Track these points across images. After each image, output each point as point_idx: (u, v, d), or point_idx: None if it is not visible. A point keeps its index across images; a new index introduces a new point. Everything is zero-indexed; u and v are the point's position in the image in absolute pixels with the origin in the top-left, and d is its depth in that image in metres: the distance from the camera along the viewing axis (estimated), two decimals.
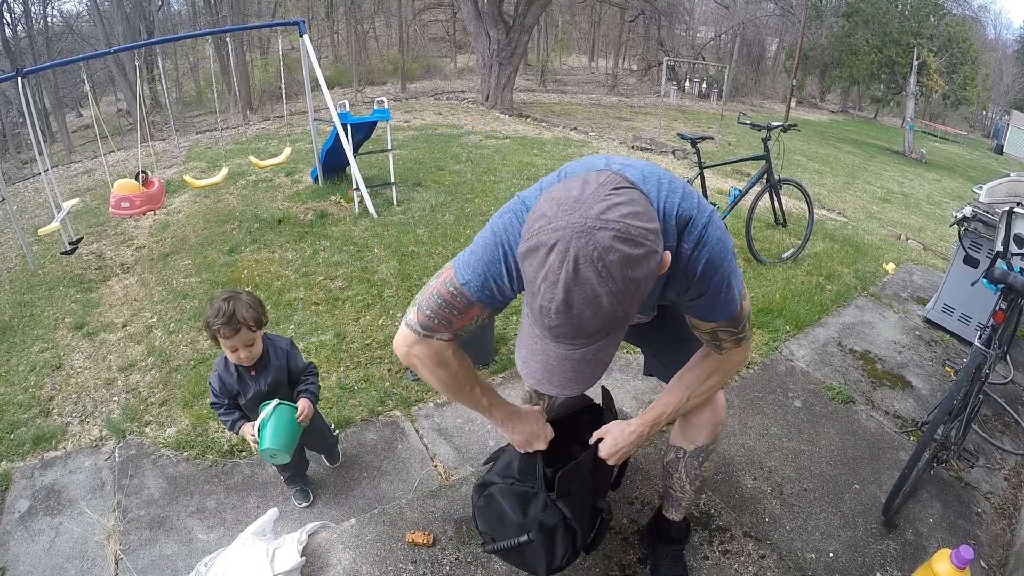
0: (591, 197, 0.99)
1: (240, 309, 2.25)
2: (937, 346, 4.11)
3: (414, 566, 2.10)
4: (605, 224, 0.96)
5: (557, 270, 0.97)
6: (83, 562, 2.75)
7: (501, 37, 16.08)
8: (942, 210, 11.06)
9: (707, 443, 1.87)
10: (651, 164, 1.34)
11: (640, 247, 0.97)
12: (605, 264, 0.95)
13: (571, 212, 0.97)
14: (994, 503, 2.75)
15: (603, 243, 0.95)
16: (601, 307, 0.98)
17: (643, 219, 0.99)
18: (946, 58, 28.07)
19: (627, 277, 0.97)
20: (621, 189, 1.01)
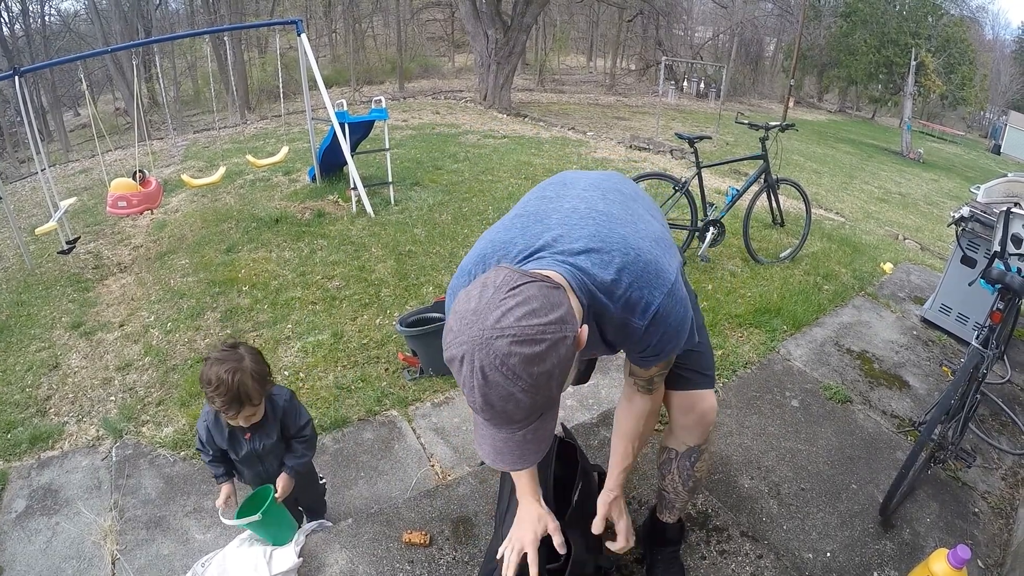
0: (486, 306, 1.04)
1: (246, 383, 1.96)
2: (934, 346, 4.11)
3: (411, 566, 2.10)
4: (501, 332, 1.01)
5: (470, 379, 1.04)
6: (80, 562, 2.75)
7: (499, 36, 16.08)
8: (940, 210, 11.08)
9: (698, 444, 1.87)
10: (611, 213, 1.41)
11: (540, 343, 1.03)
12: (509, 367, 1.01)
13: (471, 326, 1.04)
14: (991, 503, 2.75)
15: (502, 350, 1.01)
16: (520, 401, 1.05)
17: (540, 315, 1.04)
18: (944, 58, 28.14)
19: (534, 373, 1.03)
20: (517, 288, 1.06)
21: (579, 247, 1.31)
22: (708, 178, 6.00)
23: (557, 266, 1.27)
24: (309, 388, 3.79)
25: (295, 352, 4.18)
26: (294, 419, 2.26)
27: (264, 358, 2.11)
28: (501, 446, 1.16)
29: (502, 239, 1.40)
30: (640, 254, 1.33)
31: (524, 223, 1.41)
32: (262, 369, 2.04)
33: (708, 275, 4.97)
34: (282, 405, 2.23)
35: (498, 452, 1.17)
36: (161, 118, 17.79)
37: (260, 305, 4.81)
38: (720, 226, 5.18)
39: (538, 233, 1.37)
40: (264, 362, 2.08)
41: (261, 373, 2.03)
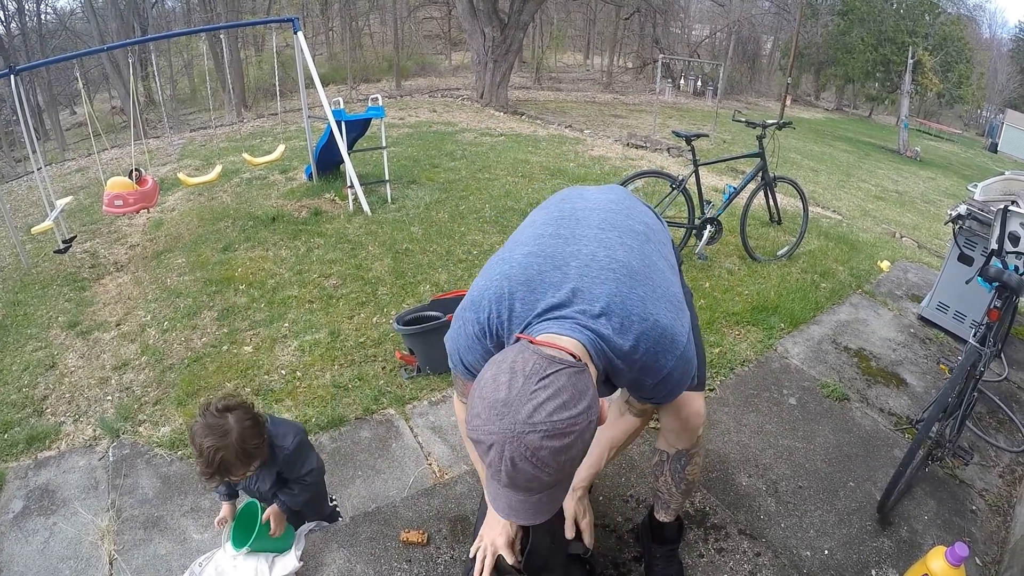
0: (517, 398, 1.07)
1: (228, 460, 1.83)
2: (932, 344, 4.12)
3: (408, 565, 2.10)
4: (533, 428, 1.04)
5: (498, 464, 1.08)
6: (77, 562, 2.75)
7: (496, 34, 16.06)
8: (937, 208, 11.09)
9: (687, 448, 1.88)
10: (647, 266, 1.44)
11: (569, 435, 1.07)
12: (539, 459, 1.06)
13: (501, 417, 1.06)
14: (989, 500, 2.75)
15: (533, 444, 1.05)
16: (544, 482, 1.10)
17: (570, 407, 1.07)
18: (941, 56, 28.15)
19: (561, 460, 1.08)
20: (547, 378, 1.09)
21: (598, 309, 1.32)
22: (705, 176, 5.99)
23: (578, 333, 1.28)
24: (306, 387, 3.79)
25: (292, 351, 4.18)
26: (296, 468, 2.12)
27: (258, 426, 1.95)
28: (517, 506, 1.18)
29: (521, 279, 1.39)
30: (658, 321, 1.35)
31: (542, 266, 1.40)
32: (251, 444, 1.88)
33: (705, 273, 4.97)
34: (282, 458, 2.07)
35: (512, 509, 1.19)
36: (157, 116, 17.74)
37: (257, 304, 4.81)
38: (717, 224, 5.18)
39: (557, 283, 1.36)
40: (256, 432, 1.92)
41: (247, 449, 1.87)
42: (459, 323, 1.48)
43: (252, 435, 1.89)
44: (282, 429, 2.08)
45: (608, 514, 2.35)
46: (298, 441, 2.10)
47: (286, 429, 2.10)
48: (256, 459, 1.92)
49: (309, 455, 2.16)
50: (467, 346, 1.46)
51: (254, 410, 1.99)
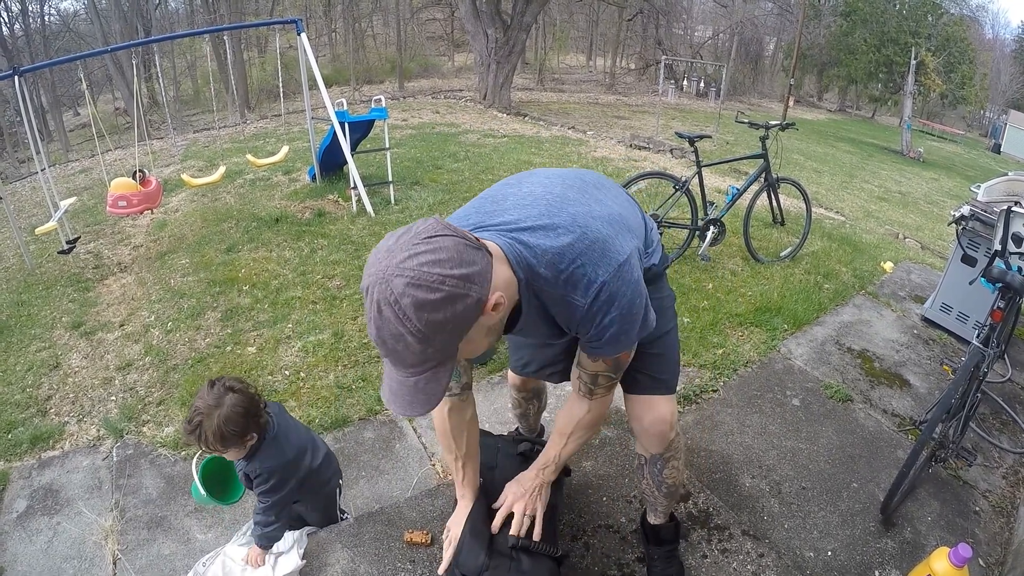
0: (400, 246, 1.10)
1: (206, 429, 1.88)
2: (935, 345, 4.11)
3: (412, 565, 2.10)
4: (401, 272, 1.07)
5: (368, 310, 1.11)
6: (81, 562, 2.75)
7: (499, 36, 16.08)
8: (940, 209, 11.08)
9: (659, 452, 1.86)
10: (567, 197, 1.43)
11: (436, 292, 1.07)
12: (402, 307, 1.06)
13: (381, 261, 1.10)
14: (992, 501, 2.75)
15: (397, 289, 1.06)
16: (408, 344, 1.11)
17: (445, 266, 1.08)
18: (944, 57, 28.15)
19: (424, 319, 1.08)
20: (434, 238, 1.12)
21: (526, 225, 1.34)
22: (708, 177, 6.00)
23: (498, 238, 1.31)
24: (310, 387, 3.79)
25: (296, 351, 4.18)
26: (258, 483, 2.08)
27: (246, 419, 1.94)
28: (396, 388, 1.21)
29: (460, 214, 1.47)
30: (587, 232, 1.34)
31: (481, 204, 1.47)
32: (230, 429, 1.89)
33: (709, 274, 4.97)
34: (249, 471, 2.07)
35: (393, 393, 1.22)
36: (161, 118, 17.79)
37: (260, 304, 4.81)
38: (720, 225, 5.18)
39: (491, 212, 1.41)
40: (239, 424, 1.92)
41: (223, 433, 1.89)
42: None
43: (235, 422, 1.90)
44: (274, 454, 2.06)
45: (611, 515, 2.35)
46: (270, 472, 2.05)
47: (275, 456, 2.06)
48: (230, 444, 1.93)
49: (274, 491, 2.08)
50: None
51: (259, 407, 2.00)
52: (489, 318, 1.19)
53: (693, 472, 2.69)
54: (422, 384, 1.19)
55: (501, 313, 1.23)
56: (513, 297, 1.30)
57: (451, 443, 1.85)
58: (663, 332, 1.74)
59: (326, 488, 2.33)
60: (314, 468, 2.21)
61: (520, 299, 1.34)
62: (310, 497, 2.30)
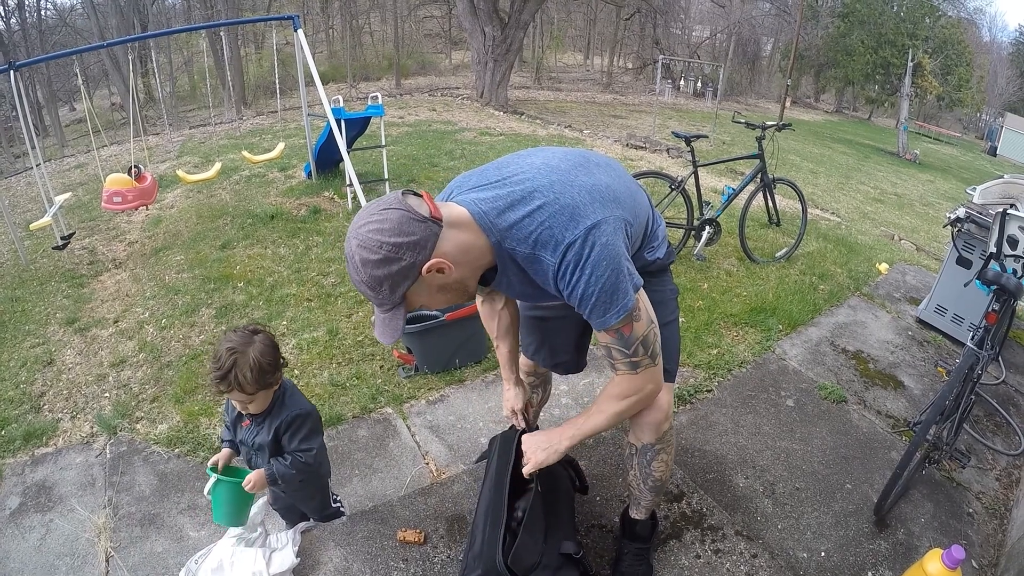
0: (364, 214, 1.39)
1: (241, 367, 1.88)
2: (929, 346, 4.12)
3: (405, 564, 2.10)
4: (356, 235, 1.37)
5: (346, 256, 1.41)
6: (74, 559, 2.74)
7: (496, 34, 16.06)
8: (935, 211, 11.11)
9: (652, 442, 1.88)
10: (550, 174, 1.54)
11: (376, 254, 1.35)
12: (355, 262, 1.37)
13: (353, 225, 1.40)
14: (985, 503, 2.76)
15: (352, 247, 1.38)
16: (364, 290, 1.41)
17: (385, 234, 1.35)
18: (941, 60, 28.20)
19: (369, 273, 1.37)
20: (386, 211, 1.37)
21: (507, 190, 1.51)
22: (704, 177, 6.00)
23: (472, 205, 1.49)
24: (304, 385, 3.78)
25: (290, 348, 4.17)
26: (296, 436, 2.09)
27: (278, 354, 2.00)
28: (376, 319, 1.49)
29: (466, 175, 1.66)
30: (559, 198, 1.47)
31: (486, 168, 1.65)
32: (266, 362, 1.92)
33: (704, 274, 4.98)
34: (286, 417, 2.07)
35: (375, 321, 1.51)
36: (157, 113, 17.75)
37: (255, 301, 4.80)
38: (716, 225, 5.18)
39: (490, 176, 1.58)
40: (274, 357, 1.97)
41: (262, 366, 1.91)
42: None
43: (270, 356, 1.94)
44: (300, 398, 2.13)
45: (605, 514, 2.35)
46: (307, 414, 2.10)
47: (304, 402, 2.13)
48: (265, 382, 1.94)
49: (313, 435, 2.12)
50: None
51: (279, 348, 2.03)
52: (433, 278, 1.42)
53: (687, 472, 2.69)
54: (387, 320, 1.47)
55: (451, 276, 1.44)
56: (479, 260, 1.50)
57: (489, 325, 2.15)
58: (664, 322, 1.75)
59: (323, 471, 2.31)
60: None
61: (496, 259, 1.52)
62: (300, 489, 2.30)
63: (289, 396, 2.10)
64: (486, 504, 1.90)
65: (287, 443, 2.08)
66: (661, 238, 1.78)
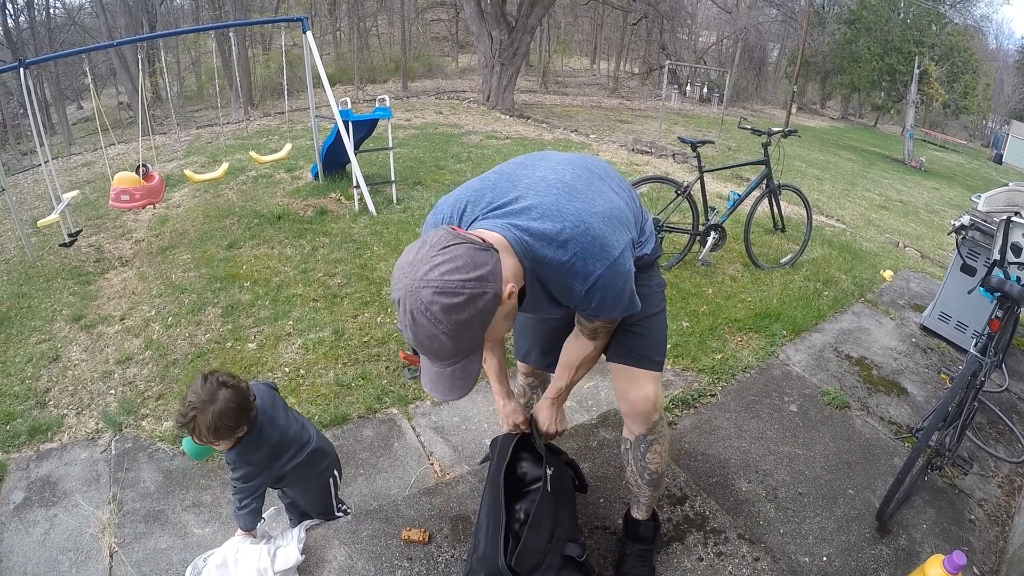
0: (420, 260, 1.24)
1: (200, 424, 1.92)
2: (933, 353, 4.13)
3: (409, 563, 2.11)
4: (426, 284, 1.22)
5: (404, 319, 1.26)
6: (77, 554, 2.76)
7: (503, 38, 16.10)
8: (940, 218, 11.09)
9: (644, 432, 1.94)
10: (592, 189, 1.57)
11: (459, 296, 1.22)
12: (432, 313, 1.22)
13: (406, 275, 1.25)
14: (987, 510, 2.76)
15: (426, 299, 1.22)
16: (442, 342, 1.27)
17: (462, 271, 1.23)
18: (947, 67, 28.14)
19: (453, 320, 1.23)
20: (448, 247, 1.25)
21: (535, 214, 1.47)
22: (710, 182, 6.01)
23: (506, 231, 1.44)
24: (309, 385, 3.80)
25: (296, 349, 4.19)
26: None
27: (240, 413, 1.98)
28: (435, 377, 1.39)
29: (476, 188, 1.59)
30: (589, 229, 1.47)
31: (497, 180, 1.60)
32: (224, 424, 1.93)
33: (709, 279, 4.98)
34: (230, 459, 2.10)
35: (433, 382, 1.40)
36: (164, 113, 17.82)
37: (261, 301, 4.82)
38: (721, 231, 5.19)
39: (505, 191, 1.54)
40: (234, 419, 1.96)
41: (218, 426, 1.93)
42: (424, 230, 1.61)
43: (229, 417, 1.95)
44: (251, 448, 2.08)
45: (608, 516, 2.36)
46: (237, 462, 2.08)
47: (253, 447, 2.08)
48: (223, 437, 1.98)
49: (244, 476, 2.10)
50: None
51: (250, 402, 2.02)
52: (505, 306, 1.34)
53: (690, 475, 2.70)
54: (458, 372, 1.36)
55: (515, 299, 1.38)
56: (520, 283, 1.45)
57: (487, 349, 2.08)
58: (651, 313, 1.86)
59: (316, 481, 2.33)
60: (295, 465, 2.19)
61: (525, 282, 1.49)
62: (298, 489, 2.34)
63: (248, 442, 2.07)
64: (487, 506, 1.92)
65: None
66: (648, 233, 1.82)
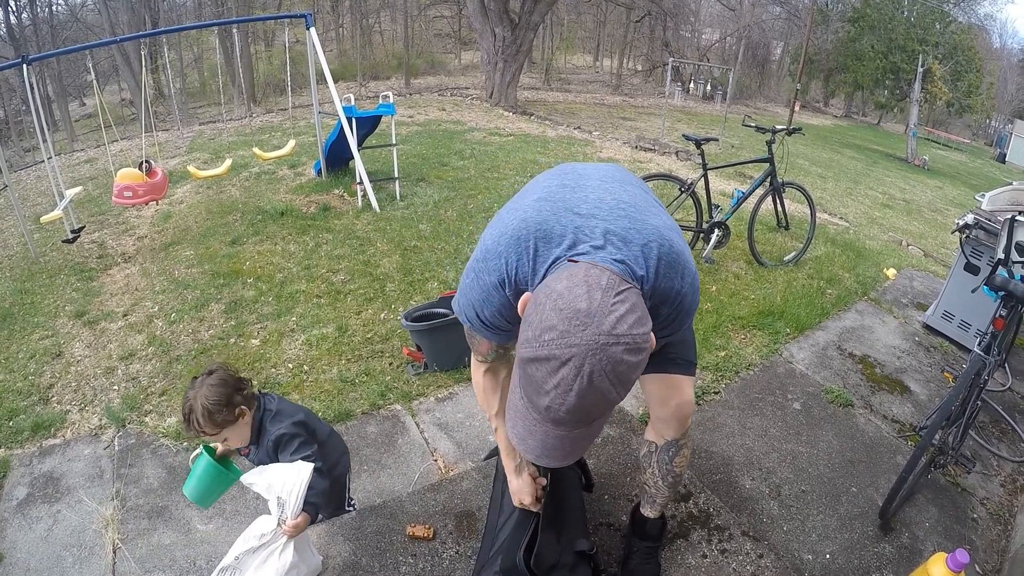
0: (599, 310, 1.04)
1: (196, 416, 1.93)
2: (936, 352, 4.12)
3: (414, 559, 2.11)
4: (617, 340, 1.02)
5: (571, 382, 1.02)
6: (80, 550, 2.76)
7: (507, 34, 16.07)
8: (944, 217, 11.06)
9: (676, 437, 1.89)
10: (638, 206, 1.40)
11: (643, 351, 1.06)
12: (617, 374, 1.03)
13: (584, 327, 1.02)
14: (990, 509, 2.76)
15: (616, 358, 1.01)
16: (610, 402, 1.07)
17: (644, 324, 1.07)
18: (951, 65, 28.06)
19: (631, 380, 1.07)
20: (623, 293, 1.09)
21: (619, 242, 1.29)
22: (714, 180, 6.01)
23: (611, 264, 1.23)
24: (313, 381, 3.81)
25: (299, 345, 4.20)
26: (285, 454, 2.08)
27: (229, 389, 2.00)
28: (554, 443, 1.13)
29: (536, 221, 1.34)
30: (672, 245, 1.34)
31: (554, 208, 1.36)
32: (212, 403, 1.94)
33: (712, 277, 4.98)
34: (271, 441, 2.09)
35: (547, 447, 1.14)
36: (167, 109, 17.81)
37: (265, 297, 4.83)
38: (725, 228, 5.19)
39: (572, 220, 1.33)
40: (221, 395, 1.97)
41: (209, 408, 1.94)
42: (471, 276, 1.43)
43: (216, 395, 1.96)
44: (281, 416, 2.12)
45: (613, 512, 2.36)
46: (287, 433, 2.08)
47: (284, 417, 2.12)
48: (222, 422, 1.98)
49: (304, 446, 2.08)
50: (483, 299, 1.42)
51: (239, 381, 2.06)
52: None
53: (694, 472, 2.70)
54: (585, 432, 1.14)
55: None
56: None
57: (488, 401, 1.89)
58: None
59: (336, 469, 2.33)
60: (322, 440, 2.24)
61: None
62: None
63: (275, 417, 2.12)
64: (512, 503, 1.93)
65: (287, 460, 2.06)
66: None
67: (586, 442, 1.16)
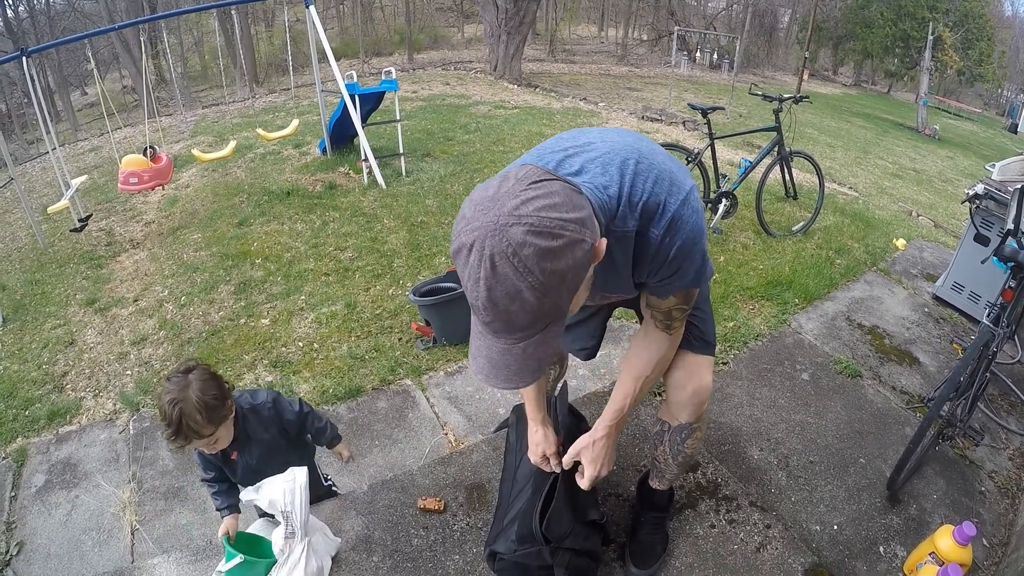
0: (506, 194, 0.99)
1: (190, 415, 1.75)
2: (945, 323, 4.11)
3: (425, 532, 2.14)
4: (518, 219, 0.96)
5: (477, 268, 0.98)
6: (100, 533, 2.82)
7: (509, 6, 15.87)
8: (954, 187, 10.96)
9: (690, 421, 1.84)
10: (627, 142, 1.33)
11: (558, 239, 0.97)
12: (520, 259, 0.95)
13: (486, 211, 0.98)
14: (998, 482, 2.76)
15: (516, 239, 0.95)
16: (526, 301, 0.99)
17: (561, 210, 0.99)
18: (962, 33, 27.52)
19: (547, 270, 0.97)
20: (540, 182, 1.02)
21: (597, 167, 1.25)
22: (721, 150, 5.96)
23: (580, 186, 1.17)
24: (323, 358, 3.84)
25: (309, 323, 4.22)
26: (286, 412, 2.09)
27: (217, 382, 1.87)
28: (498, 358, 1.10)
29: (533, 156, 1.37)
30: (654, 162, 1.28)
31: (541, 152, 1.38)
32: (211, 396, 1.80)
33: (720, 247, 4.96)
34: (267, 411, 2.05)
35: (493, 364, 1.11)
36: (169, 94, 17.75)
37: (273, 277, 4.85)
38: (733, 198, 5.16)
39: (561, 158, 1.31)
40: (217, 388, 1.84)
41: (207, 403, 1.78)
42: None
43: (211, 387, 1.82)
44: (258, 400, 2.06)
45: (621, 483, 2.38)
46: (299, 407, 2.13)
47: (263, 400, 2.07)
48: (217, 415, 1.83)
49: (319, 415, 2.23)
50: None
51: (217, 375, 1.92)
52: (591, 269, 1.09)
53: (703, 443, 2.71)
54: (531, 349, 1.09)
55: (600, 259, 1.10)
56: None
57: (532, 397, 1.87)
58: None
59: None
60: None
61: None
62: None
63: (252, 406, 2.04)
64: (526, 473, 1.94)
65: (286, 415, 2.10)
66: None
67: (531, 362, 1.11)
